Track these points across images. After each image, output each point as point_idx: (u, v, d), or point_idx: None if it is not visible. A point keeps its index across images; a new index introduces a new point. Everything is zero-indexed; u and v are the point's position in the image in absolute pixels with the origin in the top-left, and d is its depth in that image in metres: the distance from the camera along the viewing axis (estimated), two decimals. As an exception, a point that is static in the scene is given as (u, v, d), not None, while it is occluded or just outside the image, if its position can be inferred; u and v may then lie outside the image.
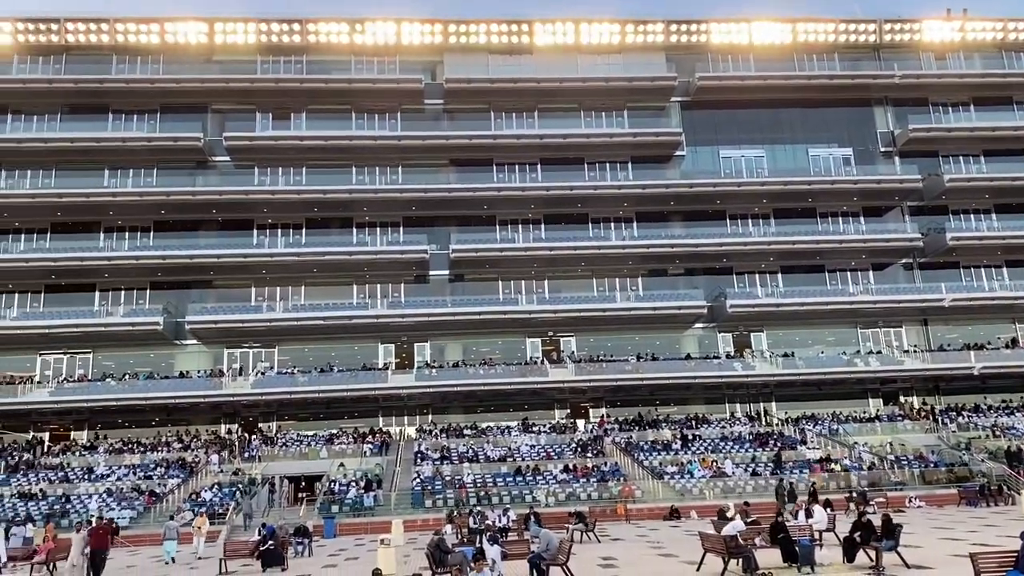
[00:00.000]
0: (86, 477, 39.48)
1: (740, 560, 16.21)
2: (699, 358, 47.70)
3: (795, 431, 44.74)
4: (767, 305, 47.56)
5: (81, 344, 45.69)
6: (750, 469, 38.44)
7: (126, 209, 46.63)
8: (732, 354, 48.71)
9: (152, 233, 47.53)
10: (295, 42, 49.11)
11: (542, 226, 49.70)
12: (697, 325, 49.14)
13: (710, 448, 41.70)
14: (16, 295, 46.38)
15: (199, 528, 26.81)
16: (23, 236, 47.14)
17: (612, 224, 49.93)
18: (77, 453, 42.92)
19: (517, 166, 50.00)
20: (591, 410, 48.69)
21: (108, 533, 20.96)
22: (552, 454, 41.64)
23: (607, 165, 50.51)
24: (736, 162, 51.34)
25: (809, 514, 21.62)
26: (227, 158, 48.49)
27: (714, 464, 38.99)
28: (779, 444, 41.99)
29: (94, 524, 21.40)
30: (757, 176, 50.27)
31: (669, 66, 51.00)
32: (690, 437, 43.15)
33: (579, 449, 42.09)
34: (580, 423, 47.33)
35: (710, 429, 45.23)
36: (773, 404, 48.95)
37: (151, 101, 48.49)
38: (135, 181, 47.55)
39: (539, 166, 50.05)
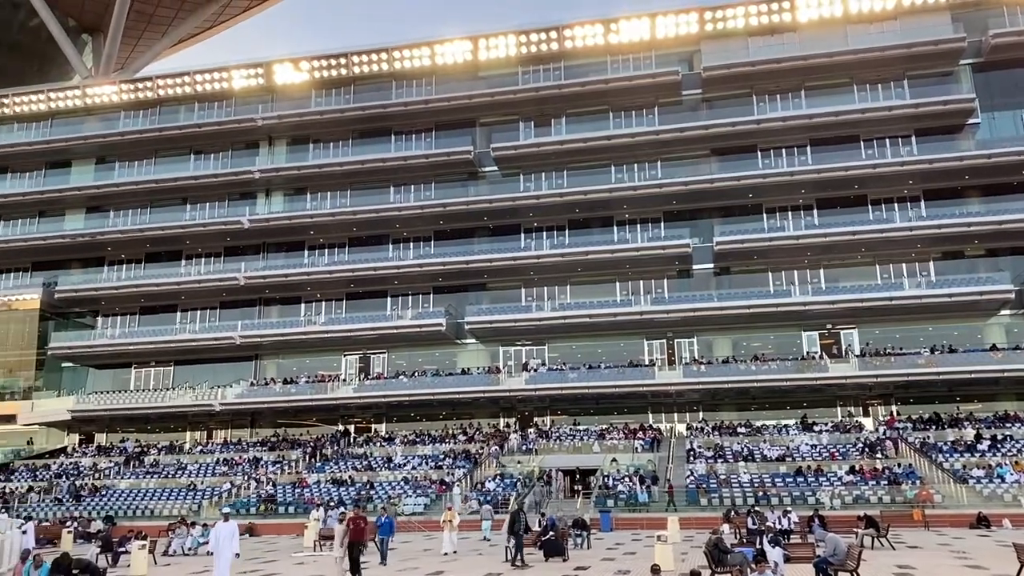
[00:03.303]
0: (385, 466, 43.62)
1: None
2: (1008, 348, 42.20)
3: None
4: (1094, 287, 41.15)
5: (377, 345, 50.61)
6: (1078, 475, 33.56)
7: (409, 221, 50.98)
8: (1050, 344, 42.64)
9: (433, 242, 51.62)
10: (552, 49, 50.43)
11: (814, 212, 46.93)
12: (1003, 312, 43.66)
13: (1025, 450, 36.95)
14: (323, 303, 52.57)
15: (449, 522, 25.48)
16: (326, 250, 53.29)
17: (895, 205, 45.84)
18: (377, 444, 47.58)
19: (784, 150, 47.64)
20: (879, 407, 45.04)
21: (366, 523, 20.35)
22: (836, 454, 39.18)
23: (886, 141, 46.39)
24: (1046, 125, 44.96)
25: None
26: (494, 168, 51.23)
27: (1031, 468, 34.52)
28: (1117, 447, 36.17)
29: (352, 515, 20.35)
30: (1074, 139, 43.63)
31: (955, 26, 45.73)
32: (999, 437, 38.51)
33: (866, 449, 39.23)
34: (866, 421, 44.01)
35: (1024, 429, 40.02)
36: (1106, 401, 42.18)
37: (426, 121, 52.56)
38: (416, 195, 51.82)
39: (808, 148, 47.32)
